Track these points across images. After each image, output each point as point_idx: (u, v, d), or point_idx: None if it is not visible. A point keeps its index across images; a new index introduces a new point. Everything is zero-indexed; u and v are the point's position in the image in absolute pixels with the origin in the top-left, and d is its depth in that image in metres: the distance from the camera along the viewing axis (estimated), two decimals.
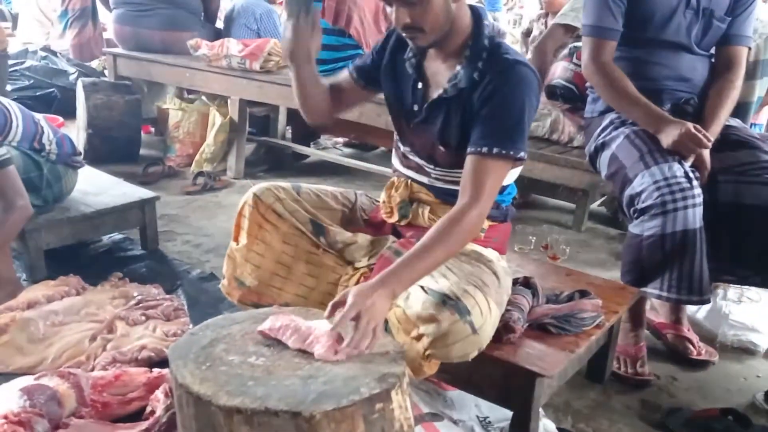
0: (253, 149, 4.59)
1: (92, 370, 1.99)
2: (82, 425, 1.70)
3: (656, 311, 2.36)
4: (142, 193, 2.94)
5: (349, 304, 1.41)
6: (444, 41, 1.64)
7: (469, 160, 1.60)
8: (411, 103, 1.75)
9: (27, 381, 1.77)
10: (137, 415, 1.81)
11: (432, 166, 1.78)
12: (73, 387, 1.77)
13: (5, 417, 1.59)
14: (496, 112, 1.60)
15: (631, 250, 2.05)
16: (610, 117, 2.25)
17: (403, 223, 1.85)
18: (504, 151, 1.58)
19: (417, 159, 1.81)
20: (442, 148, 1.72)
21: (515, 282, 1.87)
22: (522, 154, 1.61)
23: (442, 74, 1.70)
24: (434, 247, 1.52)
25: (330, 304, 1.47)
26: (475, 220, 1.56)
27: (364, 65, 1.87)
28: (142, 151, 4.45)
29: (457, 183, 1.65)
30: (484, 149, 1.58)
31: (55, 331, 2.17)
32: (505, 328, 1.69)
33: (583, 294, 1.88)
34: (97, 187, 2.91)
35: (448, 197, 1.76)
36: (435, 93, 1.70)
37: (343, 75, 1.90)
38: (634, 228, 2.04)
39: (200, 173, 3.99)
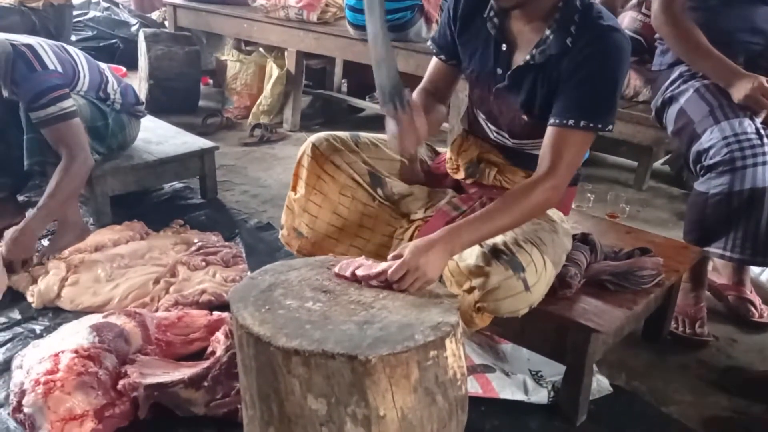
0: (309, 102, 4.60)
1: (156, 311, 2.07)
2: (148, 361, 1.78)
3: (718, 272, 2.30)
4: (201, 143, 2.99)
5: (404, 259, 1.41)
6: (532, 1, 1.53)
7: (551, 131, 1.54)
8: (494, 66, 1.66)
9: (96, 319, 1.86)
10: (198, 355, 1.88)
11: (509, 137, 1.73)
12: (138, 326, 1.85)
13: (76, 351, 1.68)
14: (587, 83, 1.51)
15: (696, 209, 1.99)
16: (679, 70, 2.16)
17: (468, 181, 1.83)
18: (591, 125, 1.51)
19: (494, 128, 1.76)
20: (525, 117, 1.65)
21: (573, 238, 1.84)
22: (610, 127, 1.54)
23: (527, 37, 1.59)
24: (502, 213, 1.49)
25: (389, 257, 1.47)
26: (549, 193, 1.51)
27: (445, 43, 1.77)
28: (201, 103, 4.52)
29: (533, 150, 1.61)
30: (570, 122, 1.51)
31: (121, 273, 2.26)
32: (561, 284, 1.67)
33: (644, 252, 1.84)
34: (158, 137, 2.98)
35: (520, 161, 1.73)
36: (520, 58, 1.61)
37: (433, 66, 1.83)
38: (699, 185, 1.97)
39: (257, 125, 4.04)
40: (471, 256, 1.53)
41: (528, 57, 1.58)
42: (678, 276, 1.89)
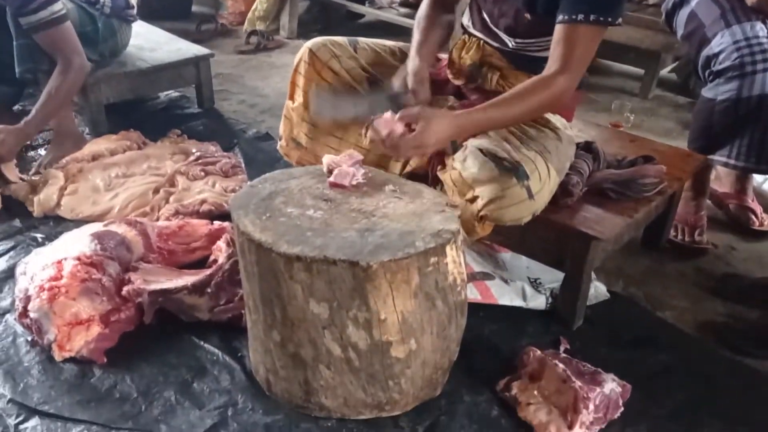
0: (306, 7, 4.43)
1: (157, 220, 2.07)
2: (151, 269, 1.79)
3: (720, 180, 2.28)
4: (196, 49, 2.90)
5: (413, 111, 1.43)
6: None
7: (560, 29, 1.50)
8: None
9: (96, 227, 1.86)
10: (200, 264, 1.90)
11: (512, 38, 1.68)
12: (140, 234, 1.85)
13: (78, 259, 1.69)
14: None
15: (702, 115, 1.96)
16: None
17: (470, 86, 1.79)
18: (601, 18, 1.47)
19: (495, 29, 1.70)
20: (528, 15, 1.61)
21: (576, 146, 1.81)
22: (619, 20, 1.50)
23: None
24: (515, 103, 1.48)
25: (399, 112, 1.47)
26: (563, 89, 1.50)
27: None
28: (194, 8, 4.38)
29: (536, 52, 1.55)
30: (579, 16, 1.47)
31: (120, 183, 2.25)
32: (562, 192, 1.66)
33: (647, 159, 1.82)
34: (152, 43, 2.89)
35: (522, 64, 1.68)
36: None
37: None
38: (707, 92, 1.93)
39: (253, 32, 3.92)
40: (474, 164, 1.51)
41: None
42: (680, 184, 1.88)
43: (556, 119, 1.69)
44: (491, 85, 1.73)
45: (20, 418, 1.44)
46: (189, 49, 2.90)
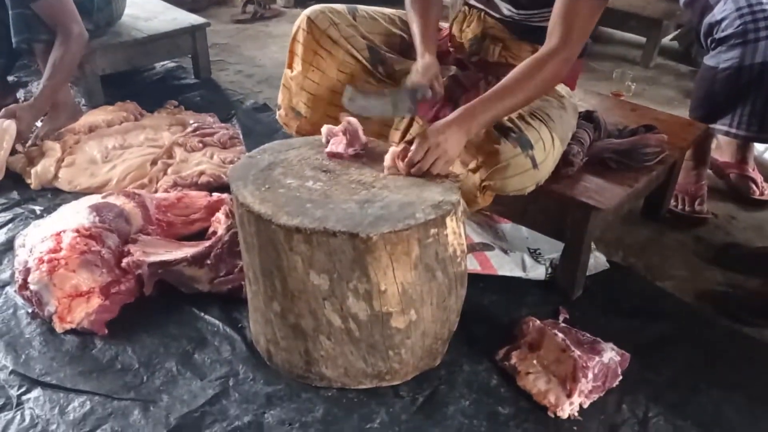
0: None
1: (155, 192, 2.06)
2: (150, 241, 1.79)
3: (721, 150, 2.27)
4: (192, 19, 2.87)
5: (422, 139, 1.39)
6: None
7: (559, 3, 1.47)
8: None
9: (95, 199, 1.85)
10: (199, 236, 1.89)
11: (514, 9, 1.65)
12: (138, 206, 1.85)
13: (77, 231, 1.68)
14: None
15: (704, 84, 1.94)
16: None
17: (472, 59, 1.76)
18: None
19: (497, 0, 1.67)
20: None
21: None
22: None
23: None
24: (516, 89, 1.46)
25: (399, 142, 1.45)
26: (561, 65, 1.47)
27: None
28: None
29: (539, 22, 1.53)
30: None
31: (118, 155, 2.24)
32: (563, 162, 1.65)
33: (648, 129, 1.81)
34: (147, 12, 2.85)
35: (525, 34, 1.66)
36: None
37: None
38: (709, 60, 1.91)
39: (249, 1, 3.85)
40: (478, 133, 1.50)
41: None
42: (681, 153, 1.87)
43: (560, 87, 1.67)
44: (494, 56, 1.71)
45: (23, 389, 1.45)
46: (185, 18, 2.87)
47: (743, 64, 1.81)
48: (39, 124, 2.43)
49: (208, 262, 1.69)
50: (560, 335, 1.45)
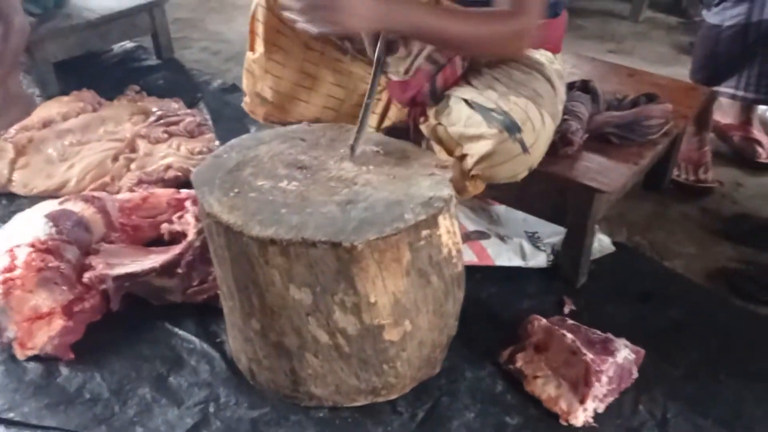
0: None
1: (118, 191, 1.90)
2: (114, 250, 1.63)
3: (723, 111, 2.13)
4: None
5: None
6: None
7: None
8: None
9: (51, 206, 1.69)
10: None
11: None
12: (99, 211, 1.68)
13: (32, 245, 1.52)
14: None
15: (707, 43, 1.80)
16: None
17: None
18: None
19: None
20: None
21: (572, 86, 1.65)
22: None
23: None
24: (467, 21, 1.29)
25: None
26: (518, 30, 1.31)
27: None
28: None
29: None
30: None
31: (75, 152, 2.06)
32: (561, 141, 1.51)
33: (650, 98, 1.66)
34: None
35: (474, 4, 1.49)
36: None
37: None
38: (712, 17, 1.77)
39: None
40: (459, 119, 1.34)
41: None
42: (686, 122, 1.73)
43: (538, 54, 1.50)
44: None
45: None
46: None
47: (750, 21, 1.68)
48: None
49: (179, 270, 1.54)
50: (569, 336, 1.33)
